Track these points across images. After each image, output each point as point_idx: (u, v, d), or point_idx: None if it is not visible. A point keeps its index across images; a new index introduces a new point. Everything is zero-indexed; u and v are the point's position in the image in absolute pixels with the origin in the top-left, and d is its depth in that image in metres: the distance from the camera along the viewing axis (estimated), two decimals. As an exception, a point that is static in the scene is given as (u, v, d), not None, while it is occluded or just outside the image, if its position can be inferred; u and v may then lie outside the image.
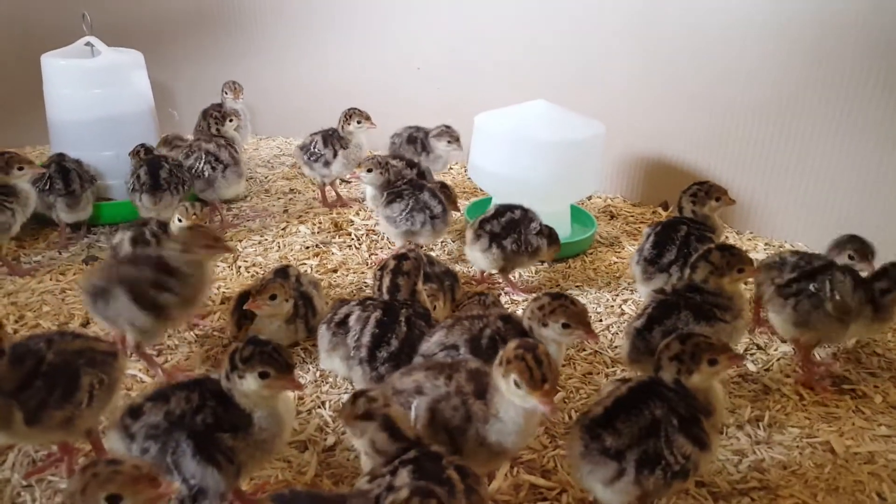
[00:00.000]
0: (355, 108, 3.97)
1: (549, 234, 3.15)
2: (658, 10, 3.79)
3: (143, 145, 3.64)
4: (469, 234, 3.12)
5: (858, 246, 2.60)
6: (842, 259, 2.59)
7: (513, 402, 1.66)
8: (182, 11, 5.14)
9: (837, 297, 2.37)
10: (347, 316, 2.28)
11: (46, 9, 4.72)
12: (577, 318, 1.97)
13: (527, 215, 3.12)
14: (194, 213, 2.85)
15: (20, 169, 3.15)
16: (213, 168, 3.79)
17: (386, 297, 2.30)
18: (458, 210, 3.48)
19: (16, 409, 1.78)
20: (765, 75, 3.50)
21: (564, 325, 1.96)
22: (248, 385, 1.71)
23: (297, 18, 5.01)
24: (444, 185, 3.41)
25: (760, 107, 3.57)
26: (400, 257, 2.33)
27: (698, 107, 3.80)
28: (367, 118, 3.96)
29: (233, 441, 1.71)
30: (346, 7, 4.86)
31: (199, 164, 3.79)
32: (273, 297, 2.51)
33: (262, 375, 1.71)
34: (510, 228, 3.06)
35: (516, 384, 1.61)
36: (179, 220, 2.86)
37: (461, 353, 1.99)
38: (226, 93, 4.53)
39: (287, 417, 1.81)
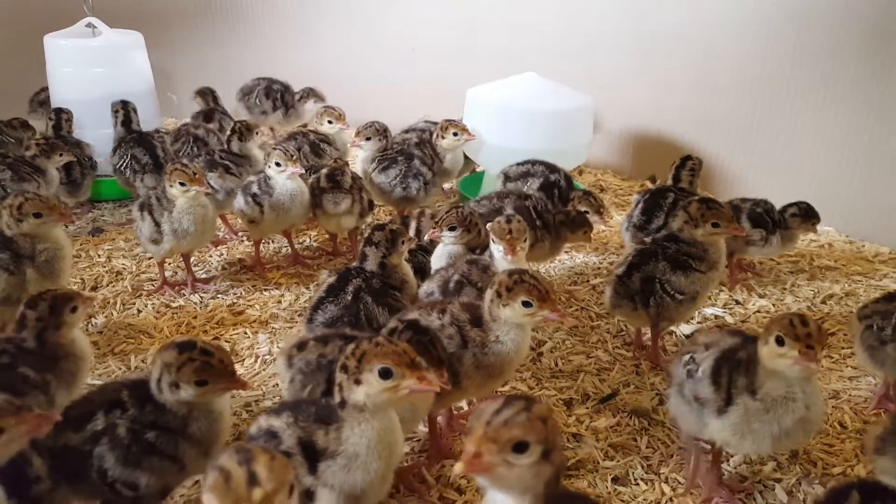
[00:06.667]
0: (328, 106, 3.86)
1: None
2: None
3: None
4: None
5: None
6: None
7: (516, 323, 1.82)
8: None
9: None
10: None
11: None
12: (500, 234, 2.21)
13: (545, 172, 3.18)
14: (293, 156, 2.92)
15: (60, 156, 3.34)
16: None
17: (357, 264, 2.29)
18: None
19: None
20: (753, 52, 3.62)
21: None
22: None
23: (293, 4, 5.12)
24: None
25: (748, 83, 3.69)
26: (376, 227, 2.28)
27: (688, 84, 3.93)
28: (340, 117, 3.81)
29: None
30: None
31: (187, 147, 3.84)
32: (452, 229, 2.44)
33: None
34: (521, 177, 3.19)
35: (525, 304, 1.78)
36: (278, 165, 2.93)
37: (435, 296, 2.18)
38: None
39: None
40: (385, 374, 1.38)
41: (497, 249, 2.23)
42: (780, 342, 1.57)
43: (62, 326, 1.91)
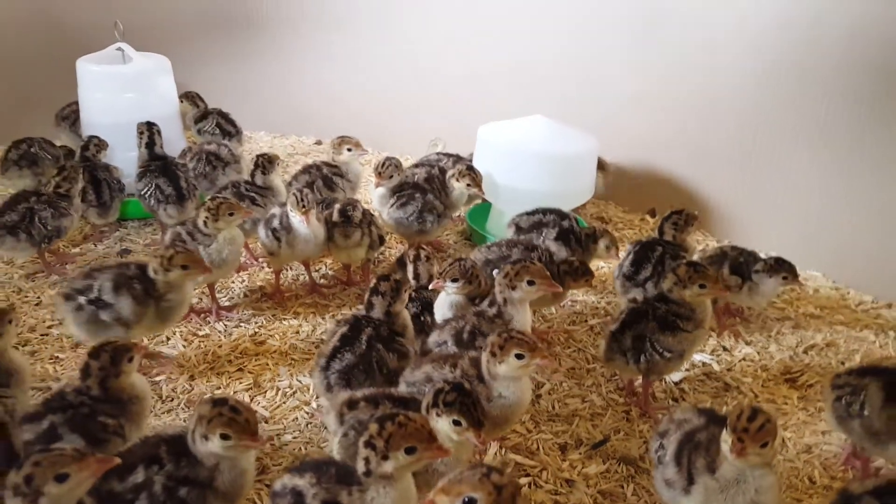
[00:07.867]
0: (344, 137, 4.01)
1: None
2: (652, 30, 4.10)
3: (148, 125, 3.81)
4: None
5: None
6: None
7: (512, 377, 2.06)
8: (201, 15, 5.44)
9: None
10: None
11: (80, 12, 5.04)
12: (538, 275, 2.43)
13: (557, 220, 3.39)
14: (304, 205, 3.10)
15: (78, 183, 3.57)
16: (214, 167, 4.05)
17: (364, 311, 2.46)
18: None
19: None
20: (750, 93, 3.81)
21: (530, 283, 2.43)
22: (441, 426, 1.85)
23: (310, 23, 5.32)
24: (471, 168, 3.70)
25: (746, 122, 3.87)
26: (381, 278, 2.45)
27: (688, 121, 4.11)
28: (358, 144, 3.98)
29: None
30: (357, 13, 5.15)
31: (202, 165, 4.02)
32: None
33: (455, 423, 1.85)
34: (533, 228, 3.41)
35: (518, 357, 2.02)
36: (292, 210, 3.13)
37: (448, 346, 2.40)
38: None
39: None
40: (411, 451, 1.63)
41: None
42: (726, 428, 1.79)
43: (121, 375, 2.11)
